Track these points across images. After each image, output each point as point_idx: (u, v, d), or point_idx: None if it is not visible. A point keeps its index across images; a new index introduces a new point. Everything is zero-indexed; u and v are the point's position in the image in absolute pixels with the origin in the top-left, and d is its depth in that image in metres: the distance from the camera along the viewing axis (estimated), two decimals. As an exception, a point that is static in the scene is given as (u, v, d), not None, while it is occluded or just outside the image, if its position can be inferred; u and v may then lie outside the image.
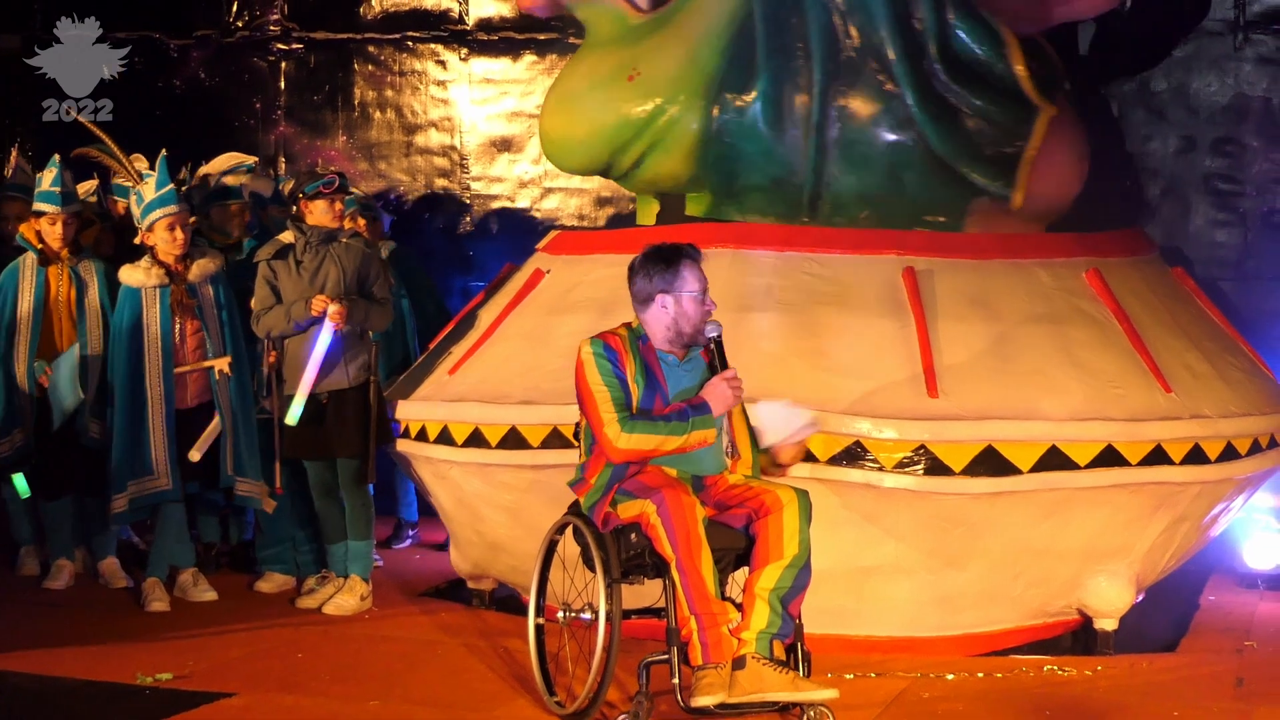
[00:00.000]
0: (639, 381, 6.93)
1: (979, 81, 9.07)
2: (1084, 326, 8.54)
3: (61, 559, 9.82)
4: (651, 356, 6.99)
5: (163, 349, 9.22)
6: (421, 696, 7.52)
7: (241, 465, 9.33)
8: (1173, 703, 7.47)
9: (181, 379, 9.30)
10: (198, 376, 9.32)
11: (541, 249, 9.66)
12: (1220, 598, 9.71)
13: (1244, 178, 11.12)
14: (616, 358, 6.97)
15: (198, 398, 9.33)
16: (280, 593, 9.67)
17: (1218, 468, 8.38)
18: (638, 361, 6.98)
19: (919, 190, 9.09)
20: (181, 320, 9.27)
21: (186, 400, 9.32)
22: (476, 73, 12.83)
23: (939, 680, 7.86)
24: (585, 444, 7.09)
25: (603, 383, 6.93)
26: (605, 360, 6.96)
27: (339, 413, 9.12)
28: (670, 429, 6.83)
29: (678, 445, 6.84)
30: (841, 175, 9.09)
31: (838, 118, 9.04)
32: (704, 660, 6.57)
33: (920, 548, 8.12)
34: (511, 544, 8.80)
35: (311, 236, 9.16)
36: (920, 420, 7.96)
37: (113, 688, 7.65)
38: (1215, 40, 11.10)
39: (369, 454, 9.13)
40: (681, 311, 6.97)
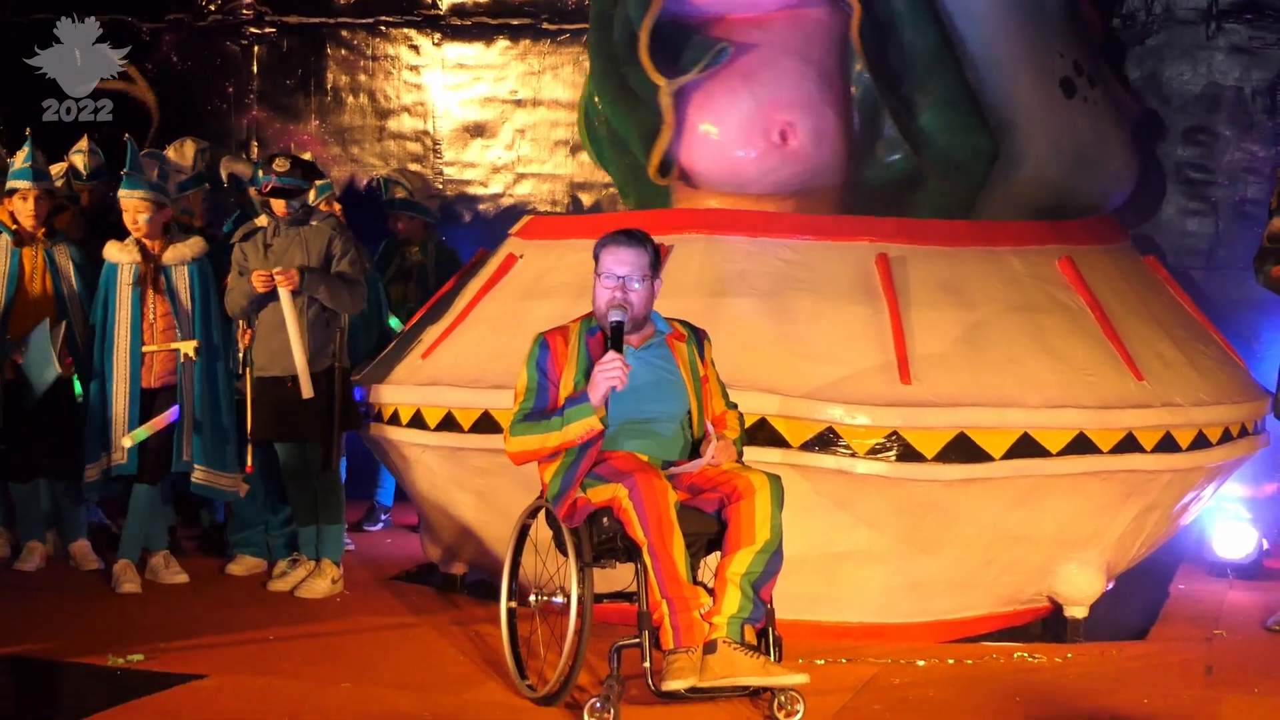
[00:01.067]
0: (578, 379, 6.93)
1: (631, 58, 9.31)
2: (1056, 314, 8.55)
3: (33, 541, 9.82)
4: (597, 349, 6.99)
5: (131, 326, 9.27)
6: (393, 679, 7.51)
7: (202, 453, 9.31)
8: (1143, 690, 7.49)
9: (148, 358, 9.30)
10: (164, 358, 9.32)
11: (515, 234, 9.64)
12: (1190, 586, 9.75)
13: (1215, 167, 11.17)
14: (549, 357, 7.00)
15: (161, 379, 9.33)
16: (251, 575, 9.68)
17: (1189, 456, 8.40)
18: (582, 356, 6.99)
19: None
20: (152, 300, 9.26)
21: (150, 380, 9.31)
22: (450, 58, 12.83)
23: (910, 666, 7.88)
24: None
25: (523, 384, 7.02)
26: (534, 360, 7.02)
27: (298, 399, 9.11)
28: (548, 426, 6.84)
29: (559, 441, 6.82)
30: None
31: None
32: (675, 644, 6.56)
33: (892, 534, 8.13)
34: (483, 528, 8.81)
35: (282, 221, 9.16)
36: (892, 406, 7.96)
37: (84, 668, 7.64)
38: (1187, 29, 11.14)
39: (333, 440, 9.12)
40: (595, 293, 7.00)
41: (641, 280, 6.95)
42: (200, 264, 9.39)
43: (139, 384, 9.29)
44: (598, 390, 6.72)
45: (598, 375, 6.72)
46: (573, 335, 7.05)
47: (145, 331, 9.30)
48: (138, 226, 9.27)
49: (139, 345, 9.28)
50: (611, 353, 6.75)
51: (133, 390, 9.27)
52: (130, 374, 9.26)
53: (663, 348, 7.13)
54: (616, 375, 6.70)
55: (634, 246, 6.99)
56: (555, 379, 6.96)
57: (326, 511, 9.29)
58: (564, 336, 7.05)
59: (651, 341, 7.11)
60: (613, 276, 6.94)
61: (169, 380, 9.33)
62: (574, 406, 6.78)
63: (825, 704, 7.09)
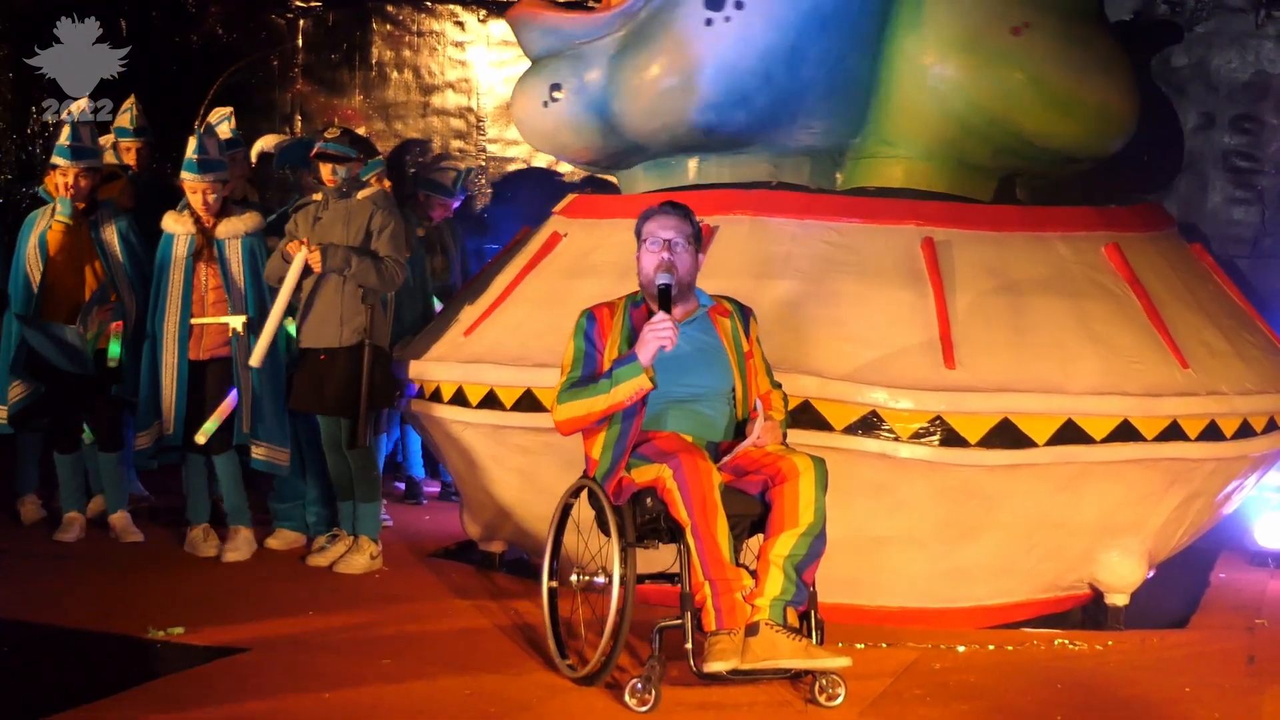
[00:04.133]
0: (622, 349, 6.95)
1: None
2: (1102, 301, 8.51)
3: (73, 512, 9.86)
4: (641, 320, 6.98)
5: (183, 298, 9.30)
6: (433, 656, 7.52)
7: (257, 428, 9.33)
8: (1184, 679, 7.46)
9: (196, 330, 9.32)
10: (213, 331, 9.34)
11: (558, 212, 9.63)
12: (1231, 575, 9.72)
13: (1262, 155, 11.10)
14: (596, 327, 7.05)
15: (210, 351, 9.35)
16: (290, 550, 9.68)
17: (1233, 445, 8.37)
18: (626, 327, 7.00)
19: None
20: (205, 273, 9.28)
21: (199, 352, 9.33)
22: (494, 35, 12.81)
23: (950, 652, 7.87)
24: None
25: (570, 355, 7.05)
26: (581, 331, 7.07)
27: (331, 372, 9.13)
28: (596, 389, 6.87)
29: (607, 403, 6.84)
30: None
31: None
32: (717, 626, 6.56)
33: (934, 519, 8.11)
34: (523, 507, 8.80)
35: (330, 193, 9.18)
36: (936, 391, 7.94)
37: (124, 640, 7.67)
38: (1236, 17, 11.08)
39: (360, 417, 9.12)
40: (640, 262, 7.03)
41: (687, 244, 6.99)
42: (254, 239, 9.40)
43: (186, 355, 9.31)
44: (647, 349, 6.75)
45: (647, 333, 6.75)
46: (618, 310, 7.10)
47: (196, 304, 9.32)
48: (209, 207, 9.31)
49: (188, 317, 9.31)
50: (661, 313, 6.78)
51: (180, 361, 9.30)
52: (179, 345, 9.29)
53: (705, 321, 7.15)
54: (667, 334, 6.73)
55: (677, 214, 7.08)
56: (602, 348, 6.99)
57: (361, 488, 9.29)
58: (610, 310, 7.10)
59: (695, 316, 7.13)
60: (658, 240, 6.98)
61: (218, 353, 9.34)
62: (623, 366, 6.80)
63: (866, 688, 7.08)
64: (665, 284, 6.89)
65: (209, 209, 9.36)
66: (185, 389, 9.31)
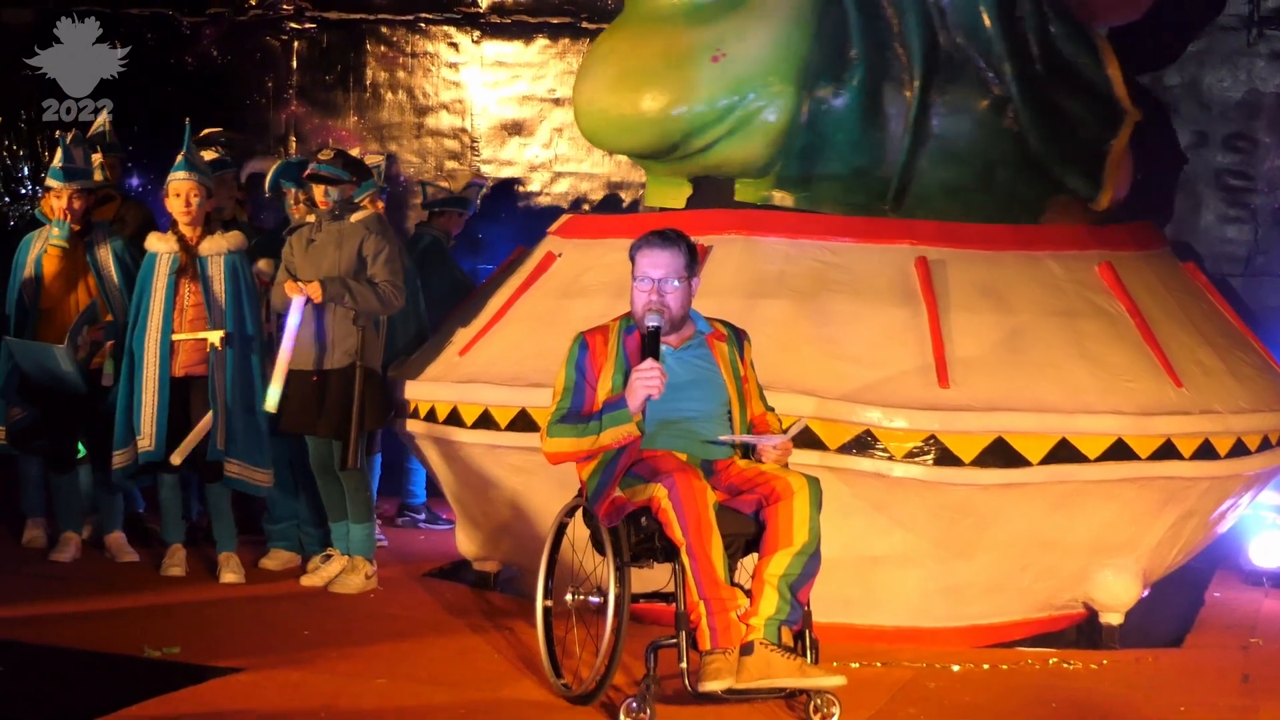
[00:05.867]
0: (615, 379, 6.93)
1: (1071, 84, 9.23)
2: (1095, 319, 8.54)
3: (68, 532, 9.84)
4: (634, 349, 6.96)
5: (164, 315, 9.27)
6: (428, 675, 7.52)
7: (236, 447, 9.31)
8: (1179, 698, 7.46)
9: (175, 346, 9.30)
10: (191, 347, 9.27)
11: (553, 232, 9.65)
12: (1225, 594, 9.73)
13: (1255, 174, 11.15)
14: (588, 357, 7.00)
15: (186, 368, 9.28)
16: (285, 570, 9.68)
17: (1227, 463, 8.38)
18: (619, 355, 6.99)
19: (1007, 186, 9.16)
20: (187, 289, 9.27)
21: (176, 369, 9.30)
22: (489, 55, 12.83)
23: (945, 671, 7.87)
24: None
25: (561, 384, 7.02)
26: (573, 360, 7.02)
27: (322, 394, 9.12)
28: (585, 430, 6.83)
29: (594, 445, 6.83)
30: (931, 169, 9.09)
31: (937, 113, 9.04)
32: (712, 645, 6.55)
33: (928, 538, 8.12)
34: (518, 526, 8.81)
35: (323, 216, 9.19)
36: (930, 410, 7.96)
37: (119, 659, 7.65)
38: (1229, 35, 11.12)
39: (350, 439, 9.11)
40: (632, 294, 7.00)
41: (678, 281, 6.94)
42: (237, 256, 9.38)
43: (168, 372, 9.28)
44: (635, 398, 6.72)
45: (635, 383, 6.71)
46: (612, 334, 7.05)
47: (175, 320, 9.29)
48: (189, 209, 9.28)
49: (169, 334, 9.28)
50: (649, 360, 6.74)
51: (162, 378, 9.25)
52: (160, 362, 9.25)
53: (703, 347, 7.13)
54: (655, 384, 6.69)
55: (668, 248, 6.97)
56: (593, 380, 6.95)
57: (354, 509, 9.27)
58: (603, 336, 7.05)
59: (691, 341, 7.11)
60: (647, 279, 6.93)
61: (195, 370, 9.28)
62: (611, 413, 6.77)
63: (860, 707, 7.07)
64: (654, 327, 6.82)
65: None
66: (166, 406, 9.28)
